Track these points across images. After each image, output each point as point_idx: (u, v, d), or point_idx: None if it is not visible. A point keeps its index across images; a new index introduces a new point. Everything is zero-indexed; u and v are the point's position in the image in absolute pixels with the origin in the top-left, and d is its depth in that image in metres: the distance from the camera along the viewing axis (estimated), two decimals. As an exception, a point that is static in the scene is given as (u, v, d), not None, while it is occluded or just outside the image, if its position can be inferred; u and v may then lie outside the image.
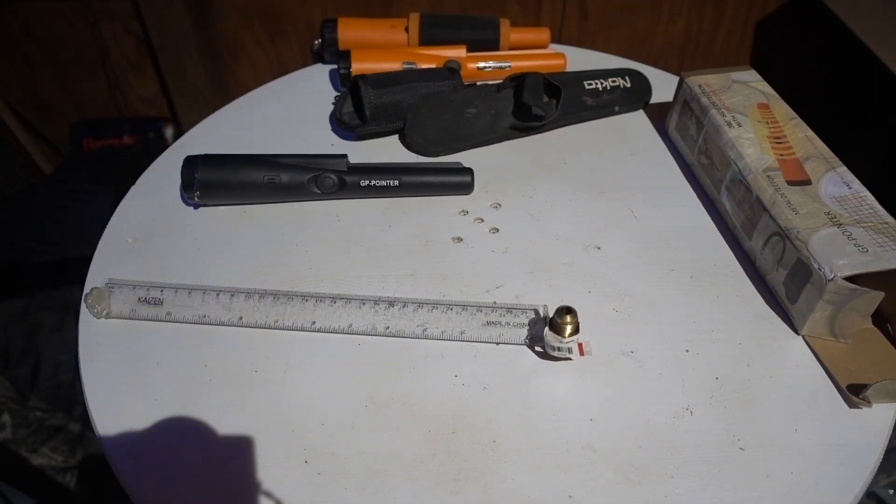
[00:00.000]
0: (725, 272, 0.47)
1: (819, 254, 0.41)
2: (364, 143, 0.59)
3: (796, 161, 0.48)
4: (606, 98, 0.61)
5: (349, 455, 0.37)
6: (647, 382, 0.40)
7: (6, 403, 0.99)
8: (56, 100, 1.39)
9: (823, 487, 0.36)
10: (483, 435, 0.38)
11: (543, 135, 0.60)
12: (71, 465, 0.99)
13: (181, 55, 1.30)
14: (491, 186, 0.54)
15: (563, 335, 0.39)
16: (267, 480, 0.36)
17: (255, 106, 0.63)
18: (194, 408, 0.39)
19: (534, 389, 0.40)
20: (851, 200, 0.45)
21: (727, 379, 0.41)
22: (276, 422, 0.38)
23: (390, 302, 0.44)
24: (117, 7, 1.26)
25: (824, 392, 0.40)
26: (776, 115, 0.52)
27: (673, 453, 0.37)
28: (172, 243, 0.49)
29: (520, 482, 0.36)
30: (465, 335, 0.42)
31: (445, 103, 0.56)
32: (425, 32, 0.64)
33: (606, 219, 0.51)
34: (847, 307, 0.41)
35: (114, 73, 1.36)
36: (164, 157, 0.57)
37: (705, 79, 0.55)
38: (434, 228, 0.50)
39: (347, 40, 0.64)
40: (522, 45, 0.66)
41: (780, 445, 0.37)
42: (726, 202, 0.50)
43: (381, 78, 0.56)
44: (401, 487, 0.35)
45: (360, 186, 0.51)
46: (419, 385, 0.40)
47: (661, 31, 1.31)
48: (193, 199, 0.50)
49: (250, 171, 0.49)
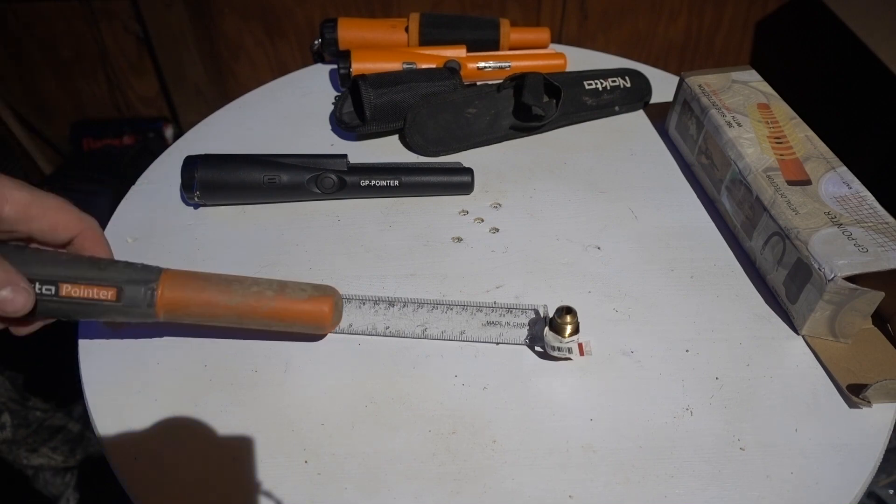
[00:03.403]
0: (725, 272, 0.47)
1: (819, 254, 0.41)
2: (364, 143, 0.59)
3: (796, 161, 0.48)
4: (606, 98, 0.61)
5: (349, 455, 0.37)
6: (647, 382, 0.40)
7: (6, 403, 0.99)
8: (56, 100, 1.39)
9: (823, 487, 0.36)
10: (483, 435, 0.38)
11: (543, 135, 0.60)
12: (71, 465, 0.99)
13: (181, 55, 1.30)
14: (491, 186, 0.54)
15: (563, 335, 0.39)
16: (267, 480, 0.36)
17: (255, 106, 0.63)
18: (194, 408, 0.39)
19: (534, 389, 0.40)
20: (851, 200, 0.45)
21: (727, 379, 0.41)
22: (276, 422, 0.38)
23: (390, 302, 0.44)
24: (117, 7, 1.26)
25: (824, 392, 0.40)
26: (776, 115, 0.52)
27: (673, 453, 0.37)
28: (172, 243, 0.49)
29: (520, 482, 0.36)
30: (465, 335, 0.42)
31: (445, 103, 0.56)
32: (425, 32, 0.64)
33: (606, 219, 0.51)
34: (847, 307, 0.41)
35: (114, 73, 1.36)
36: (164, 157, 0.57)
37: (705, 79, 0.55)
38: (434, 228, 0.50)
39: (347, 40, 0.64)
40: (522, 45, 0.66)
41: (780, 445, 0.37)
42: (726, 202, 0.50)
43: (381, 78, 0.56)
44: (401, 487, 0.35)
45: (360, 186, 0.51)
46: (419, 385, 0.40)
47: (661, 31, 1.31)
48: (193, 199, 0.50)
49: (250, 171, 0.49)
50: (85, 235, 0.37)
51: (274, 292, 0.37)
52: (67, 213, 0.37)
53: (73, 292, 0.35)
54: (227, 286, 0.37)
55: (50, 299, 0.35)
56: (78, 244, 0.38)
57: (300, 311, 0.38)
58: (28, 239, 0.37)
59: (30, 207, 0.35)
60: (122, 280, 0.36)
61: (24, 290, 0.33)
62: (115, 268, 0.36)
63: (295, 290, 0.38)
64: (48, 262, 0.35)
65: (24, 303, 0.33)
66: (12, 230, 0.35)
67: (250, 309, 0.37)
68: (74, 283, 0.35)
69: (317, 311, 0.38)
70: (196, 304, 0.37)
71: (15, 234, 0.36)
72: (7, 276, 0.33)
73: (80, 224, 0.37)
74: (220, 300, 0.37)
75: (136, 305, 0.36)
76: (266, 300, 0.37)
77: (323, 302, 0.38)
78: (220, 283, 0.37)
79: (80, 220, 0.37)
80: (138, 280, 0.36)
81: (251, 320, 0.38)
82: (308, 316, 0.38)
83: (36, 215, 0.35)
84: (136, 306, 0.36)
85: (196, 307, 0.37)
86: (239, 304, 0.37)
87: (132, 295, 0.36)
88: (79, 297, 0.35)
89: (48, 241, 0.37)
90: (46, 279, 0.35)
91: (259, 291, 0.37)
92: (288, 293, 0.38)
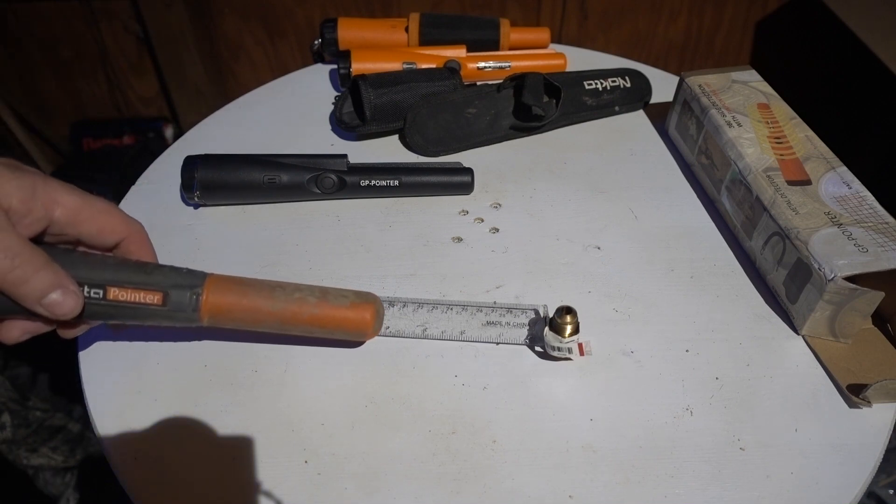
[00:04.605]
0: (725, 272, 0.47)
1: (819, 254, 0.41)
2: (364, 143, 0.59)
3: (796, 161, 0.48)
4: (606, 98, 0.61)
5: (349, 455, 0.37)
6: (647, 382, 0.40)
7: (6, 403, 0.99)
8: (56, 100, 1.39)
9: (823, 487, 0.36)
10: (483, 435, 0.38)
11: (543, 135, 0.60)
12: (71, 465, 0.99)
13: (181, 55, 1.30)
14: (491, 186, 0.54)
15: (563, 335, 0.39)
16: (267, 480, 0.36)
17: (255, 106, 0.63)
18: (194, 408, 0.39)
19: (534, 389, 0.40)
20: (851, 200, 0.45)
21: (727, 379, 0.41)
22: (276, 422, 0.38)
23: (390, 302, 0.44)
24: (117, 7, 1.26)
25: (824, 392, 0.40)
26: (776, 115, 0.52)
27: (673, 453, 0.37)
28: (172, 243, 0.49)
29: (520, 482, 0.36)
30: (465, 335, 0.42)
31: (445, 103, 0.56)
32: (425, 32, 0.64)
33: (606, 219, 0.51)
34: (847, 307, 0.41)
35: (114, 73, 1.36)
36: (164, 157, 0.57)
37: (705, 79, 0.55)
38: (434, 228, 0.50)
39: (347, 40, 0.64)
40: (522, 45, 0.66)
41: (780, 445, 0.37)
42: (726, 202, 0.50)
43: (381, 78, 0.56)
44: (401, 487, 0.35)
45: (360, 186, 0.51)
46: (419, 385, 0.40)
47: (661, 31, 1.31)
48: (193, 199, 0.50)
49: (250, 171, 0.49)
50: (131, 239, 0.38)
51: (316, 298, 0.37)
52: (115, 216, 0.37)
53: (121, 296, 0.35)
54: (270, 292, 0.37)
55: (97, 302, 0.35)
56: (124, 248, 0.38)
57: (342, 317, 0.38)
58: (76, 242, 0.37)
59: (80, 211, 0.35)
60: (167, 284, 0.36)
61: (74, 293, 0.33)
62: (161, 272, 0.36)
63: (337, 297, 0.38)
64: (96, 265, 0.35)
65: (74, 306, 0.33)
66: (62, 233, 0.35)
67: (292, 315, 0.37)
68: (122, 286, 0.35)
69: (359, 318, 0.38)
70: (239, 310, 0.37)
71: (64, 237, 0.36)
72: (57, 279, 0.33)
73: (128, 228, 0.37)
74: (264, 306, 0.37)
75: (181, 310, 0.36)
76: (308, 306, 0.37)
77: (365, 309, 0.38)
78: (263, 289, 0.37)
79: (128, 223, 0.37)
80: (184, 285, 0.36)
81: (293, 326, 0.38)
82: (350, 323, 0.38)
83: (85, 219, 0.35)
84: (181, 311, 0.36)
85: (239, 312, 0.37)
86: (282, 310, 0.37)
87: (178, 299, 0.36)
88: (125, 300, 0.35)
89: (96, 244, 0.37)
90: (94, 282, 0.35)
91: (301, 298, 0.37)
92: (330, 300, 0.38)
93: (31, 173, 0.34)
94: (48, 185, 0.34)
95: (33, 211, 0.33)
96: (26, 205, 0.33)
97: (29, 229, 0.34)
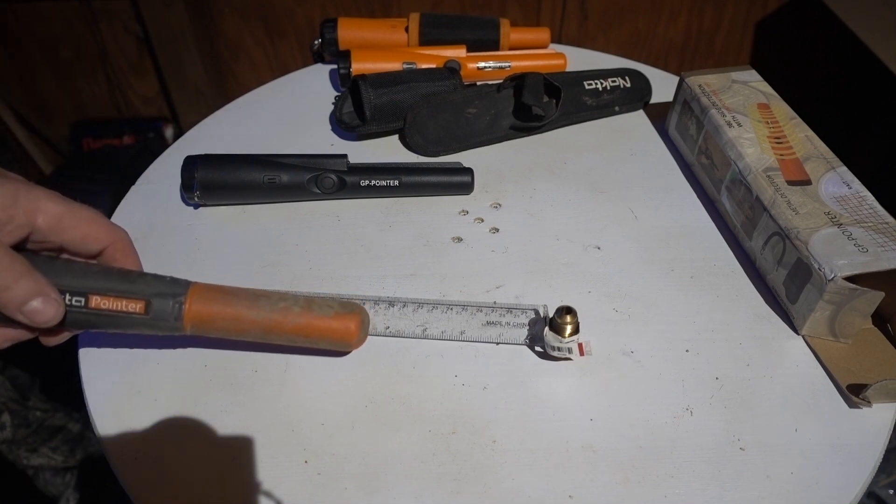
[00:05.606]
0: (725, 272, 0.47)
1: (819, 254, 0.41)
2: (364, 143, 0.59)
3: (796, 161, 0.48)
4: (606, 98, 0.61)
5: (349, 455, 0.37)
6: (647, 382, 0.41)
7: (6, 403, 0.99)
8: (56, 100, 1.39)
9: (823, 487, 0.36)
10: (483, 435, 0.38)
11: (543, 135, 0.60)
12: (71, 465, 0.99)
13: (181, 55, 1.30)
14: (491, 186, 0.54)
15: (563, 335, 0.39)
16: (267, 480, 0.36)
17: (255, 106, 0.63)
18: (194, 408, 0.39)
19: (534, 389, 0.40)
20: (851, 200, 0.45)
21: (727, 379, 0.41)
22: (276, 422, 0.38)
23: (390, 302, 0.44)
24: (117, 7, 1.26)
25: (824, 392, 0.40)
26: (776, 115, 0.52)
27: (673, 453, 0.37)
28: (172, 243, 0.49)
29: (520, 482, 0.36)
30: (465, 335, 0.42)
31: (445, 103, 0.56)
32: (425, 32, 0.64)
33: (606, 219, 0.51)
34: (847, 307, 0.41)
35: (114, 73, 1.36)
36: (164, 157, 0.57)
37: (705, 79, 0.55)
38: (434, 228, 0.50)
39: (347, 40, 0.64)
40: (522, 45, 0.66)
41: (780, 445, 0.37)
42: (726, 202, 0.50)
43: (381, 78, 0.56)
44: (401, 487, 0.35)
45: (360, 186, 0.51)
46: (419, 385, 0.40)
47: (661, 31, 1.31)
48: (193, 199, 0.50)
49: (250, 171, 0.49)
50: (115, 247, 0.37)
51: (300, 308, 0.37)
52: (99, 224, 0.37)
53: (102, 304, 0.35)
54: (254, 301, 0.37)
55: (79, 311, 0.35)
56: (108, 255, 0.38)
57: (326, 327, 0.38)
58: (59, 249, 0.37)
59: (62, 219, 0.35)
60: (150, 293, 0.36)
61: (55, 301, 0.33)
62: (143, 280, 0.36)
63: (322, 307, 0.38)
64: (78, 273, 0.35)
65: (54, 313, 0.33)
66: (45, 241, 0.35)
67: (276, 324, 0.37)
68: (104, 294, 0.35)
69: (343, 328, 0.38)
70: (223, 319, 0.37)
71: (47, 244, 0.36)
72: (38, 287, 0.33)
73: (111, 235, 0.37)
74: (247, 315, 0.37)
75: (163, 319, 0.36)
76: (292, 316, 0.37)
77: (349, 319, 0.38)
78: (247, 298, 0.37)
79: (111, 231, 0.37)
80: (166, 293, 0.36)
81: (276, 336, 0.38)
82: (334, 333, 0.38)
83: (68, 226, 0.35)
84: (163, 320, 0.36)
85: (223, 321, 0.37)
86: (265, 320, 0.37)
87: (160, 308, 0.36)
88: (108, 309, 0.35)
89: (79, 251, 0.37)
90: (76, 290, 0.35)
91: (286, 307, 0.37)
92: (314, 309, 0.38)
93: (13, 180, 0.34)
94: (31, 192, 0.34)
95: (15, 218, 0.33)
96: (7, 212, 0.33)
97: (10, 237, 0.33)
